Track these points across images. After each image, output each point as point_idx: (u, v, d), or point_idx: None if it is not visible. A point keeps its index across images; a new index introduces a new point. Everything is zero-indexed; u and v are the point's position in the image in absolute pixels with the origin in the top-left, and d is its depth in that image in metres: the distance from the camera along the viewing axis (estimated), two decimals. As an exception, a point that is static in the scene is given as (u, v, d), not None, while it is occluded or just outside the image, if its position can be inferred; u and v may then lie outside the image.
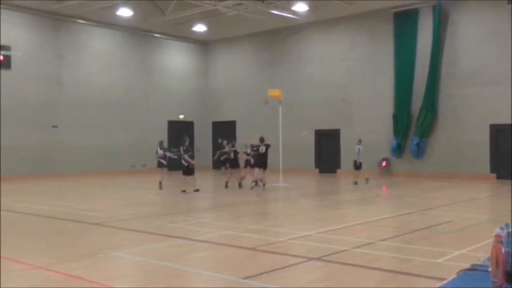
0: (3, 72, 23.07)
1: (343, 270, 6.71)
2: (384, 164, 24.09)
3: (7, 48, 23.22)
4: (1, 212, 12.97)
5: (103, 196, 16.75)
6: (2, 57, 23.08)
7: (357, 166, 19.59)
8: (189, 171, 16.98)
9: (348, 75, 25.60)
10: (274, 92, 20.74)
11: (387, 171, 23.99)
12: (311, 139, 26.51)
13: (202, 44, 31.39)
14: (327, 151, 26.05)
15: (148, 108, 28.60)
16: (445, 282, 2.87)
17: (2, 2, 22.72)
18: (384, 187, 19.29)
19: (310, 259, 7.23)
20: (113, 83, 27.12)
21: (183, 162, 16.96)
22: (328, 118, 26.01)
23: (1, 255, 7.67)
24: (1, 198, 15.36)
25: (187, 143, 17.54)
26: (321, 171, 25.99)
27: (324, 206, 14.12)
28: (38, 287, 6.12)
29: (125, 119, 27.42)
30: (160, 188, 17.57)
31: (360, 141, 19.70)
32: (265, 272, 6.50)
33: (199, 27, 27.64)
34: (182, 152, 17.04)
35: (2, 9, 23.11)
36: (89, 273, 6.58)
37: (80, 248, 8.40)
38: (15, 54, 23.45)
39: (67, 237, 9.49)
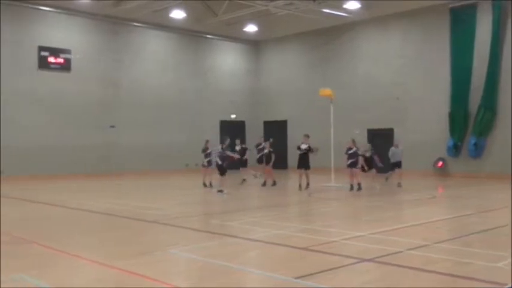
0: (64, 74, 24.09)
1: (398, 272, 6.59)
2: (439, 164, 23.43)
3: (67, 51, 24.22)
4: (64, 209, 13.54)
5: (159, 194, 17.15)
6: (62, 60, 24.10)
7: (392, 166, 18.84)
8: (222, 170, 16.93)
9: (401, 73, 25.07)
10: (326, 91, 20.58)
11: (443, 171, 23.32)
12: (363, 138, 26.11)
13: (253, 44, 31.56)
14: (380, 151, 25.52)
15: (200, 108, 29.05)
16: None
17: (59, 6, 23.67)
18: (440, 188, 18.76)
19: (363, 260, 7.14)
20: (166, 84, 27.73)
21: (218, 161, 16.97)
22: (381, 117, 25.56)
23: (64, 250, 8.02)
24: (63, 196, 16.02)
25: (227, 142, 17.58)
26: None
27: (377, 206, 13.89)
28: (97, 281, 6.36)
29: (178, 119, 27.97)
30: (241, 183, 17.76)
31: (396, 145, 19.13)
32: (318, 272, 6.48)
33: (251, 28, 27.81)
34: (222, 151, 17.15)
35: (63, 15, 24.11)
36: (146, 269, 6.76)
37: (137, 245, 8.65)
38: (75, 57, 24.43)
39: (125, 234, 9.77)
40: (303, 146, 17.85)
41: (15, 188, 19.05)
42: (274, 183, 18.86)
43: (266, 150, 19.09)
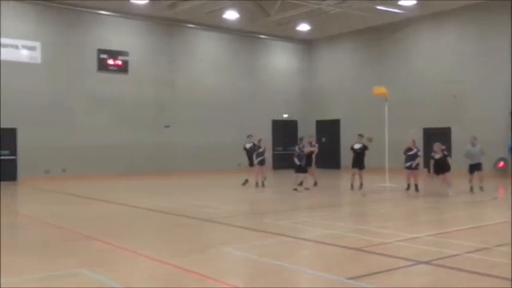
0: (122, 76, 24.87)
1: (456, 275, 6.40)
2: (500, 164, 22.52)
3: (125, 53, 24.99)
4: (123, 206, 13.98)
5: (212, 193, 17.39)
6: (120, 62, 24.88)
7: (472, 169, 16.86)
8: (300, 169, 17.08)
9: (458, 70, 24.27)
10: (380, 89, 20.20)
11: (505, 172, 22.39)
12: (419, 138, 25.48)
13: (306, 43, 31.42)
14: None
15: (253, 107, 29.23)
16: None
17: (117, 10, 24.43)
18: (501, 189, 18.03)
19: (419, 262, 6.98)
20: (219, 84, 28.08)
21: (297, 162, 17.09)
22: (437, 115, 24.85)
23: (123, 246, 8.29)
24: (122, 194, 16.55)
25: (304, 141, 17.59)
26: (430, 172, 24.84)
27: (434, 207, 13.52)
28: (153, 277, 6.53)
29: (231, 119, 28.25)
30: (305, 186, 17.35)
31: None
32: (371, 274, 6.40)
33: (303, 27, 27.70)
34: (298, 151, 17.22)
35: (120, 18, 24.89)
36: (200, 267, 6.89)
37: (192, 243, 8.82)
38: (132, 59, 25.17)
39: (180, 232, 9.99)
40: (357, 146, 17.63)
41: (77, 186, 19.84)
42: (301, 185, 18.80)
43: (261, 150, 18.59)
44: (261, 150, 18.70)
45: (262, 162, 18.60)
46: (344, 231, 9.68)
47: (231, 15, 24.98)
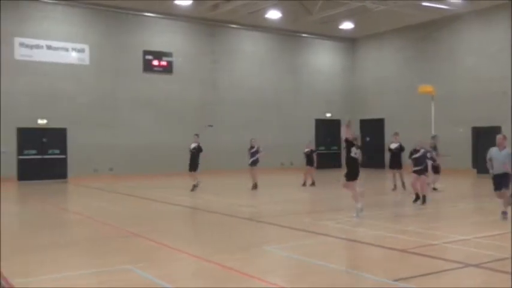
0: (166, 76, 25.30)
1: (505, 279, 6.18)
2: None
3: (169, 54, 25.42)
4: (167, 205, 14.23)
5: (255, 192, 17.44)
6: (165, 63, 25.32)
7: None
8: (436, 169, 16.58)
9: (508, 66, 23.41)
10: (426, 88, 19.78)
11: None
12: (467, 137, 24.77)
13: (349, 41, 31.07)
14: (486, 150, 24.04)
15: (296, 107, 29.15)
16: None
17: (162, 12, 24.85)
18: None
19: (468, 265, 6.79)
20: (262, 84, 28.14)
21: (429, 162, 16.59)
22: (487, 114, 24.05)
23: (166, 244, 8.43)
24: (166, 192, 16.84)
25: (435, 142, 16.96)
26: (479, 172, 24.10)
27: (484, 209, 13.11)
28: (196, 275, 6.62)
29: (274, 118, 28.28)
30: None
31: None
32: (418, 276, 6.26)
33: (346, 25, 27.40)
34: (431, 151, 16.72)
35: (165, 19, 25.33)
36: (242, 265, 6.93)
37: (234, 241, 8.88)
38: (176, 60, 25.57)
39: (221, 230, 10.07)
40: (393, 146, 17.26)
41: (124, 185, 20.32)
42: (313, 183, 18.58)
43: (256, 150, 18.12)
44: (253, 150, 18.25)
45: (253, 163, 18.04)
46: (388, 231, 9.52)
47: (274, 14, 24.98)
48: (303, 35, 29.46)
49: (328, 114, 30.42)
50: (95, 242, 8.87)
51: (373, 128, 29.31)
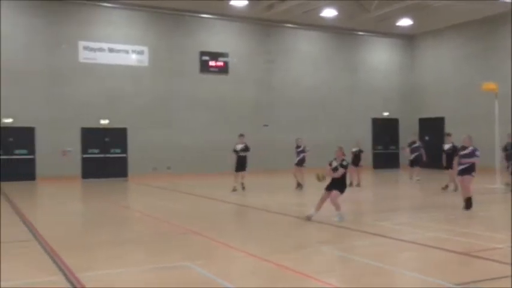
0: (222, 77, 25.65)
1: None
2: None
3: (225, 55, 25.76)
4: (224, 203, 14.45)
5: (310, 191, 17.37)
6: (221, 64, 25.68)
7: None
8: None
9: None
10: (489, 85, 19.00)
11: None
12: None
13: (407, 38, 30.37)
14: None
15: (352, 106, 28.82)
16: None
17: (218, 13, 25.20)
18: None
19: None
20: (318, 83, 27.99)
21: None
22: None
23: (223, 242, 8.57)
24: (222, 191, 17.09)
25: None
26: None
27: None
28: (252, 273, 6.70)
29: (329, 117, 28.06)
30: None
31: None
32: (480, 280, 6.07)
33: (404, 22, 26.79)
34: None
35: (221, 20, 25.70)
36: (298, 265, 6.95)
37: (290, 240, 8.91)
38: (232, 61, 25.87)
39: (278, 229, 10.12)
40: (446, 146, 16.75)
41: (181, 183, 20.79)
42: (358, 184, 18.26)
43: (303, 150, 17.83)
44: (300, 149, 18.08)
45: (300, 163, 17.83)
46: (448, 234, 9.25)
47: (329, 13, 24.79)
48: (359, 32, 29.07)
49: (386, 113, 29.86)
50: (155, 239, 9.14)
51: (432, 127, 28.51)
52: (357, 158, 18.64)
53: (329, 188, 10.98)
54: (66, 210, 13.79)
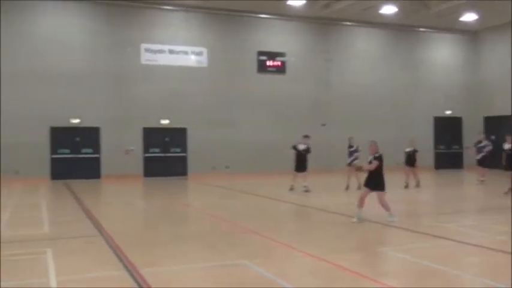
0: (280, 76, 25.69)
1: None
2: None
3: (283, 54, 25.79)
4: (281, 202, 14.48)
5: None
6: (279, 63, 25.74)
7: None
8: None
9: None
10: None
11: None
12: None
13: (471, 33, 29.25)
14: None
15: (412, 104, 28.11)
16: None
17: (275, 12, 25.25)
18: None
19: None
20: (377, 81, 27.49)
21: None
22: None
23: (281, 241, 8.60)
24: (279, 191, 17.12)
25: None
26: None
27: None
28: (311, 273, 6.69)
29: (389, 116, 27.50)
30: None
31: None
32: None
33: (469, 17, 25.82)
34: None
35: (278, 20, 25.75)
36: (357, 265, 6.87)
37: (349, 241, 8.82)
38: (290, 60, 25.87)
39: (337, 230, 10.02)
40: (506, 146, 16.01)
41: (240, 182, 21.00)
42: (417, 185, 17.65)
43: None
44: (352, 149, 17.72)
45: (352, 163, 17.38)
46: (516, 237, 8.85)
47: (389, 10, 24.28)
48: (420, 29, 28.29)
49: (448, 112, 28.91)
50: (215, 237, 9.29)
51: (499, 126, 27.30)
52: (411, 158, 18.13)
53: (367, 184, 10.77)
54: (129, 207, 14.27)
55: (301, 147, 17.58)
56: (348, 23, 26.92)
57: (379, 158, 10.66)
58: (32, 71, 21.68)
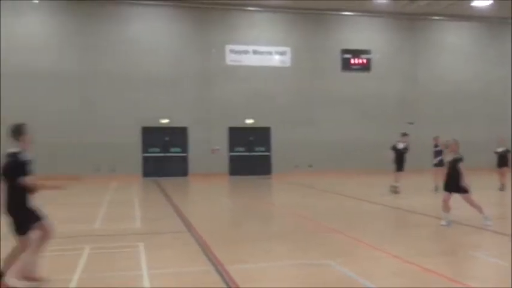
0: (364, 74, 25.25)
1: None
2: None
3: (367, 52, 25.33)
4: (363, 202, 14.27)
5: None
6: (363, 61, 25.31)
7: None
8: None
9: None
10: None
11: None
12: None
13: None
14: None
15: (508, 99, 26.51)
16: None
17: (360, 9, 24.82)
18: None
19: None
20: (468, 76, 26.27)
21: None
22: None
23: (365, 242, 8.50)
24: (363, 190, 16.84)
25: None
26: None
27: None
28: (395, 274, 6.56)
29: (481, 113, 26.18)
30: None
31: None
32: None
33: None
34: None
35: (363, 17, 25.32)
36: (445, 269, 6.65)
37: (438, 244, 8.54)
38: (375, 57, 25.36)
39: (424, 232, 9.72)
40: None
41: (323, 181, 20.90)
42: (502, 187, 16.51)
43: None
44: (437, 148, 16.78)
45: (438, 163, 16.41)
46: None
47: (482, 2, 23.08)
48: (516, 20, 26.64)
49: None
50: (298, 236, 9.35)
51: None
52: (503, 159, 17.05)
53: (446, 188, 10.23)
54: (215, 204, 14.71)
55: (400, 145, 17.13)
56: (436, 17, 25.90)
57: (459, 160, 10.14)
58: (126, 76, 22.94)
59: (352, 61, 25.26)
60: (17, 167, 5.86)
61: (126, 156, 22.70)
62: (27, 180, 5.84)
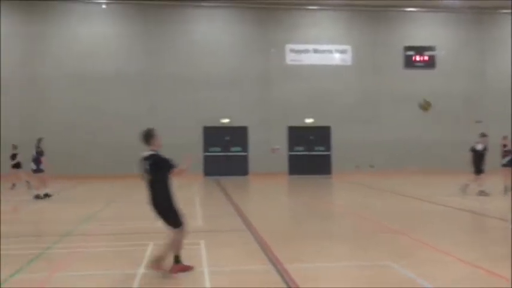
0: (428, 71, 24.50)
1: None
2: None
3: (431, 48, 24.58)
4: (426, 203, 13.87)
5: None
6: (427, 58, 24.59)
7: None
8: None
9: None
10: None
11: None
12: None
13: None
14: None
15: None
16: None
17: (424, 5, 24.11)
18: None
19: None
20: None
21: None
22: None
23: (429, 244, 8.26)
24: (425, 190, 16.34)
25: None
26: None
27: None
28: (461, 279, 6.34)
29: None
30: None
31: None
32: None
33: None
34: None
35: (427, 13, 24.57)
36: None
37: (505, 247, 8.17)
38: (439, 54, 24.55)
39: (494, 235, 9.35)
40: None
41: (385, 181, 20.48)
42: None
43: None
44: (506, 148, 15.96)
45: (508, 164, 15.63)
46: None
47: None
48: None
49: None
50: (358, 236, 9.23)
51: None
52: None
53: None
54: (275, 203, 14.76)
55: (479, 147, 16.48)
56: (505, 11, 24.74)
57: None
58: (187, 77, 23.46)
59: (415, 58, 24.58)
60: (164, 162, 6.50)
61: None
62: (176, 171, 6.55)
